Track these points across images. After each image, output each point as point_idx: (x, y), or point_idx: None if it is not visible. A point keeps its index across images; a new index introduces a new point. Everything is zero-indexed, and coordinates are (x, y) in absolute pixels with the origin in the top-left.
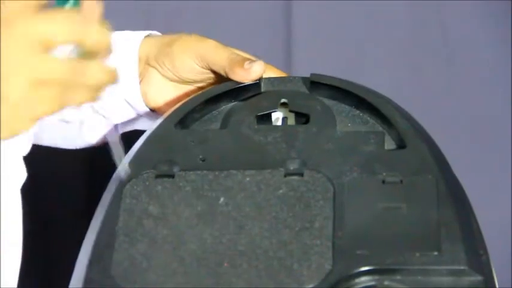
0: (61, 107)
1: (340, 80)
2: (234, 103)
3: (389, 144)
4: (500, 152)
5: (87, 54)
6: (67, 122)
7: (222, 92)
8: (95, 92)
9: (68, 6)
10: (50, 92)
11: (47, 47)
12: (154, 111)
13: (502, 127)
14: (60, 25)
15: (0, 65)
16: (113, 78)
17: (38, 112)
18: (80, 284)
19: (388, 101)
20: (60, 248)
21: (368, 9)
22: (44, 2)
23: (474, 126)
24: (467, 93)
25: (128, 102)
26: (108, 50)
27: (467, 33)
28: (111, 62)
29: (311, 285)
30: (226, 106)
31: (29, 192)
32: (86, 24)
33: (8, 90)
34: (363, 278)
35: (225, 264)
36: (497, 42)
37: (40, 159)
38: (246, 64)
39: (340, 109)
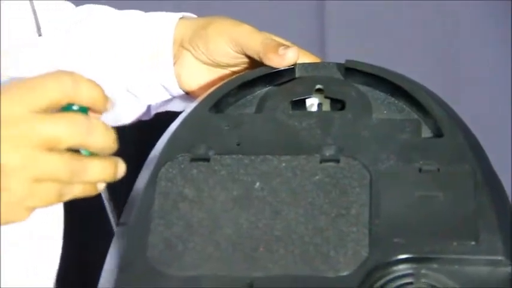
0: (59, 201)
1: (375, 66)
2: (268, 88)
3: (425, 132)
4: (500, 151)
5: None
6: None
7: (257, 76)
8: (93, 187)
9: (74, 108)
10: (50, 187)
11: (51, 148)
12: (188, 94)
13: (502, 127)
14: (64, 128)
15: (4, 160)
16: (113, 175)
17: (36, 204)
18: (116, 267)
19: (424, 89)
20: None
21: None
22: (49, 104)
23: (474, 126)
24: (467, 93)
25: (162, 84)
26: (112, 150)
27: (467, 33)
28: (146, 42)
29: (347, 273)
30: (260, 91)
31: None
32: (90, 127)
33: (10, 184)
34: (400, 266)
35: (261, 249)
36: (497, 42)
37: None
38: (281, 50)
39: (375, 96)
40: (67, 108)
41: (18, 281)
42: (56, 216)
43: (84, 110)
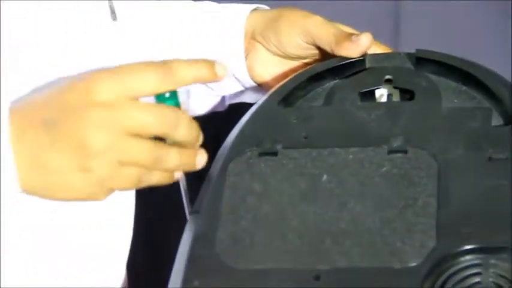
0: (137, 186)
1: (447, 55)
2: (337, 80)
3: (497, 120)
4: None
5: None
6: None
7: (327, 69)
8: (171, 175)
9: (167, 103)
10: (131, 172)
11: (137, 133)
12: (260, 85)
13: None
14: (154, 119)
15: (91, 141)
16: (193, 165)
17: (115, 187)
18: (185, 260)
19: (496, 76)
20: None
21: None
22: (144, 93)
23: None
24: None
25: (235, 76)
26: (195, 142)
27: (467, 33)
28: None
29: (414, 263)
30: (329, 83)
31: None
32: (178, 120)
33: (94, 165)
34: (468, 257)
35: (327, 242)
36: (497, 42)
37: None
38: (354, 37)
39: (447, 85)
40: (159, 97)
41: (91, 264)
42: (128, 200)
43: (175, 99)
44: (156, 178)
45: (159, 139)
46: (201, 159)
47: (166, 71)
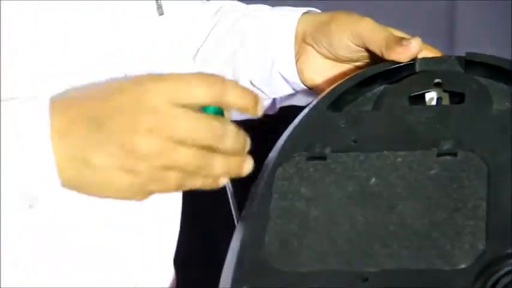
0: (179, 189)
1: (496, 57)
2: (387, 85)
3: None
4: None
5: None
6: None
7: (376, 73)
8: (215, 181)
9: (212, 109)
10: (174, 176)
11: (184, 142)
12: (311, 88)
13: None
14: (202, 130)
15: (140, 145)
16: (238, 172)
17: (156, 190)
18: (234, 264)
19: None
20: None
21: None
22: (194, 103)
23: None
24: None
25: (285, 79)
26: (242, 152)
27: (467, 34)
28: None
29: (463, 266)
30: (379, 88)
31: None
32: (225, 132)
33: (139, 168)
34: None
35: (376, 244)
36: (498, 42)
37: None
38: (404, 41)
39: (497, 88)
40: (205, 109)
41: (139, 263)
42: (175, 200)
43: (219, 111)
44: (200, 182)
45: None
46: (247, 166)
47: (219, 91)
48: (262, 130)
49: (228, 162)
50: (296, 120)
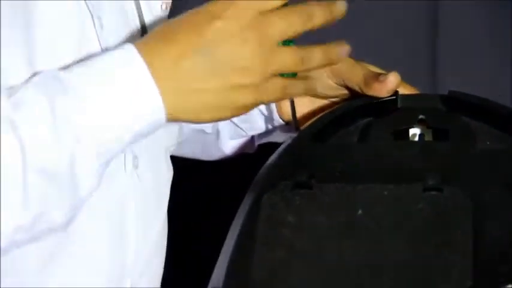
0: (284, 97)
1: (478, 97)
2: (370, 118)
3: None
4: None
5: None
6: (205, 132)
7: (359, 107)
8: (310, 86)
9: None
10: (279, 82)
11: (282, 39)
12: (289, 124)
13: None
14: (295, 22)
15: (245, 57)
16: (334, 59)
17: (265, 99)
18: None
19: None
20: (198, 251)
21: None
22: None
23: None
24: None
25: (264, 115)
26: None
27: (467, 33)
28: None
29: None
30: (362, 121)
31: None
32: (312, 11)
33: (249, 80)
34: None
35: (363, 276)
36: (498, 42)
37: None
38: (381, 77)
39: (479, 126)
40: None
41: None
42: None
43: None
44: (301, 88)
45: None
46: (343, 49)
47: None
48: (240, 169)
49: (325, 51)
50: (280, 149)
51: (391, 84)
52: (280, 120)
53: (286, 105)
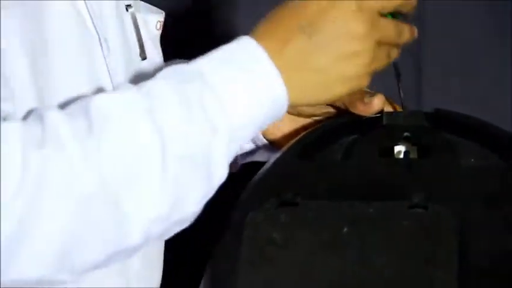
0: (388, 62)
1: (463, 115)
2: (355, 136)
3: None
4: None
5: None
6: None
7: (344, 124)
8: (399, 51)
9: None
10: (384, 50)
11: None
12: (272, 143)
13: (502, 126)
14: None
15: (355, 28)
16: (413, 35)
17: (377, 66)
18: None
19: (510, 136)
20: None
21: None
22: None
23: None
24: (467, 92)
25: None
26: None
27: (467, 34)
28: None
29: None
30: (347, 139)
31: None
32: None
33: (361, 49)
34: None
35: None
36: (497, 43)
37: None
38: (366, 98)
39: (463, 144)
40: None
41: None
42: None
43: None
44: (395, 53)
45: None
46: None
47: None
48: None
49: (407, 28)
50: (265, 167)
51: (376, 106)
52: (264, 140)
53: (270, 125)
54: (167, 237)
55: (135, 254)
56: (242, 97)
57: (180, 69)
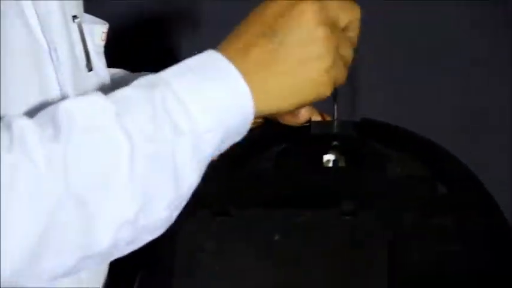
0: (345, 69)
1: (389, 125)
2: (285, 145)
3: (440, 188)
4: (500, 150)
5: None
6: None
7: (273, 133)
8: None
9: None
10: (346, 56)
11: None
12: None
13: (502, 127)
14: (347, 7)
15: (317, 33)
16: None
17: (339, 75)
18: None
19: (436, 146)
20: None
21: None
22: None
23: (474, 127)
24: (467, 93)
25: None
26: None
27: (466, 34)
28: None
29: None
30: (277, 148)
31: None
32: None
33: (322, 52)
34: None
35: None
36: (498, 43)
37: None
38: (295, 110)
39: (390, 153)
40: None
41: None
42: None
43: None
44: (351, 56)
45: None
46: None
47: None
48: None
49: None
50: None
51: (302, 118)
52: None
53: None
54: (137, 246)
55: (106, 261)
56: (205, 100)
57: (145, 78)
